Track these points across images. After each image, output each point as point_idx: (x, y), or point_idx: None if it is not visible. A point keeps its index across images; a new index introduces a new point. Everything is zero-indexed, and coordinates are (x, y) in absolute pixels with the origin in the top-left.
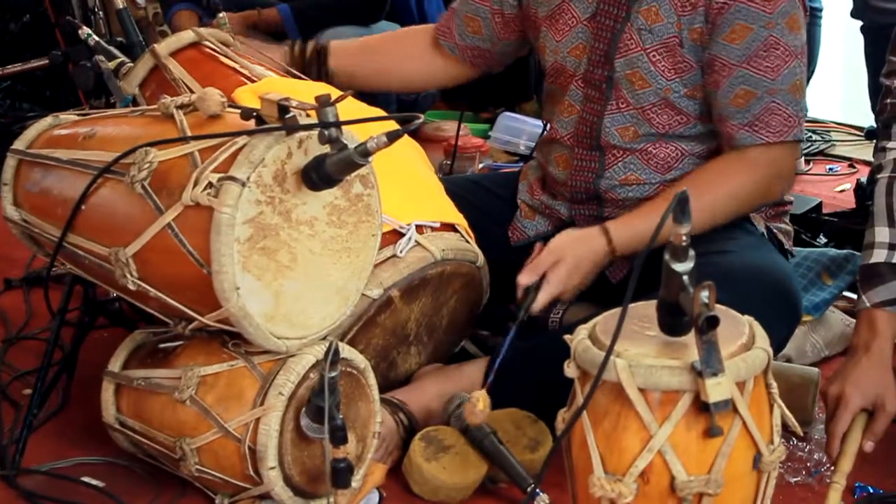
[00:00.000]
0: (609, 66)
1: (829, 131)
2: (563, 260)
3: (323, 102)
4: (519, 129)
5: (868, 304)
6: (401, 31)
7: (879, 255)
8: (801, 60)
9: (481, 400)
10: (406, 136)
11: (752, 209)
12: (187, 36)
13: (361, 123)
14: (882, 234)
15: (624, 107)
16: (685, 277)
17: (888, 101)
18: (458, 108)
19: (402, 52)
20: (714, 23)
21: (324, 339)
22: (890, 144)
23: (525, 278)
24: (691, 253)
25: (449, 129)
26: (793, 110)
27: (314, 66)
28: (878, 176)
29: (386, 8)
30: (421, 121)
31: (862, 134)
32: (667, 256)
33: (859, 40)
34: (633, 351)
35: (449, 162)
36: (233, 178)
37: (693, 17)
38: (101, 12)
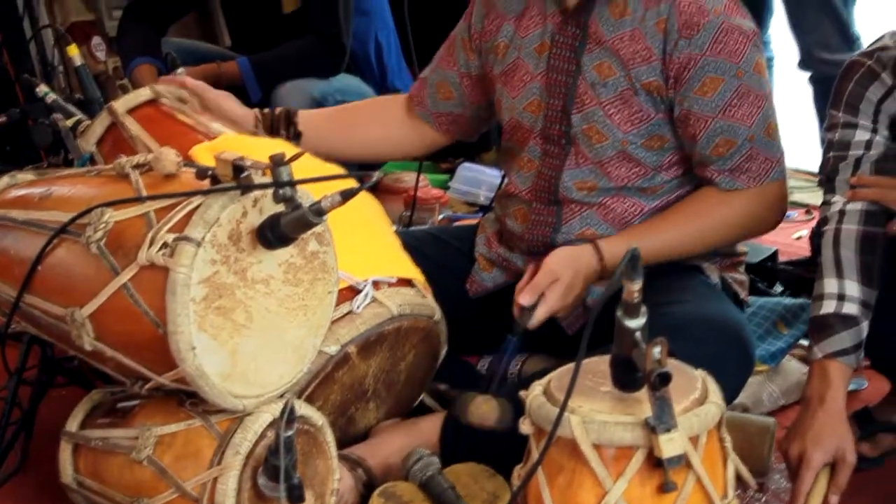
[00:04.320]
0: (567, 122)
1: None
2: (560, 279)
3: (277, 161)
4: (478, 179)
5: (820, 355)
6: (372, 101)
7: (829, 307)
8: (770, 102)
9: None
10: (363, 191)
11: (741, 240)
12: (144, 93)
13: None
14: (831, 285)
15: (583, 161)
16: (637, 334)
17: (831, 154)
18: (417, 159)
19: (375, 122)
20: (679, 78)
21: (281, 396)
22: (834, 198)
23: (525, 299)
24: (643, 309)
25: (409, 180)
26: (770, 153)
27: (282, 133)
28: (825, 228)
29: (346, 60)
30: (375, 179)
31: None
32: (619, 313)
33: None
34: (586, 407)
35: (409, 213)
36: (188, 239)
37: (644, 69)
38: (60, 67)
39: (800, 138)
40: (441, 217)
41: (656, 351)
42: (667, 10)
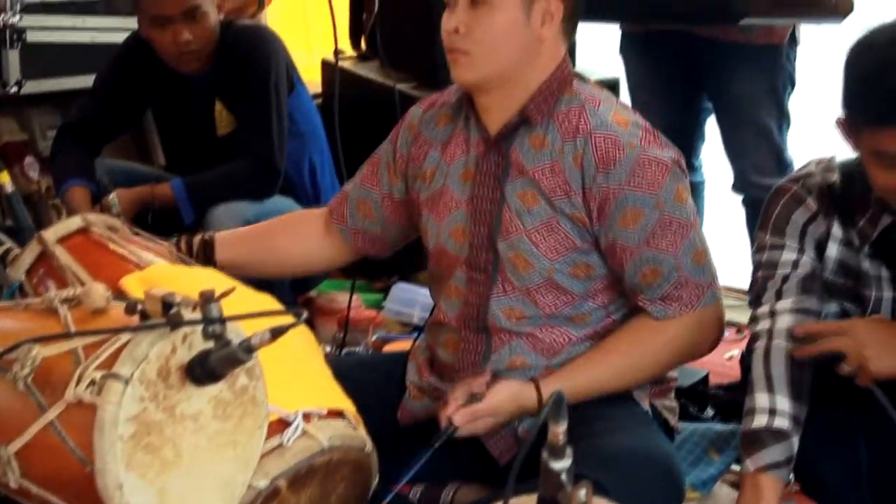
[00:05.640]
0: (492, 250)
1: None
2: (497, 415)
3: (207, 298)
4: (413, 299)
5: (752, 469)
6: (290, 216)
7: (760, 421)
8: (696, 228)
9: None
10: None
11: (678, 366)
12: (75, 222)
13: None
14: (762, 400)
15: (510, 289)
16: (563, 476)
17: (759, 273)
18: (352, 277)
19: (294, 237)
20: (601, 211)
21: None
22: (762, 316)
23: (459, 419)
24: (569, 450)
25: (342, 300)
26: (700, 279)
27: (201, 261)
28: (756, 345)
29: (279, 182)
30: (303, 318)
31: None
32: (544, 455)
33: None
34: None
35: (342, 334)
36: (116, 376)
37: (566, 201)
38: None
39: (731, 258)
40: (374, 338)
41: (581, 494)
42: (583, 144)
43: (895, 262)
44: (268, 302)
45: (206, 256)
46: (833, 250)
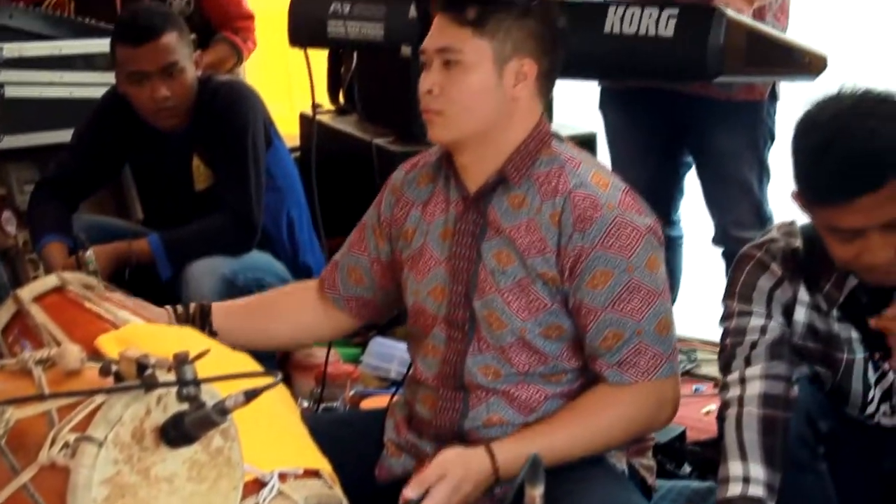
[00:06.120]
0: (469, 307)
1: (694, 350)
2: (448, 476)
3: (181, 360)
4: (390, 354)
5: None
6: (284, 291)
7: (735, 489)
8: (664, 298)
9: None
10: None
11: (633, 439)
12: (51, 280)
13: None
14: (735, 468)
15: (485, 347)
16: None
17: (728, 340)
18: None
19: (289, 312)
20: (573, 270)
21: None
22: (733, 383)
23: (410, 492)
24: None
25: (319, 355)
26: (660, 349)
27: (197, 328)
28: (727, 413)
29: (257, 237)
30: (277, 381)
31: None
32: None
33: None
34: None
35: (319, 390)
36: (89, 439)
37: (540, 260)
38: None
39: (710, 311)
40: (352, 393)
41: None
42: (562, 203)
43: (864, 323)
44: (244, 361)
45: (202, 328)
46: (801, 315)
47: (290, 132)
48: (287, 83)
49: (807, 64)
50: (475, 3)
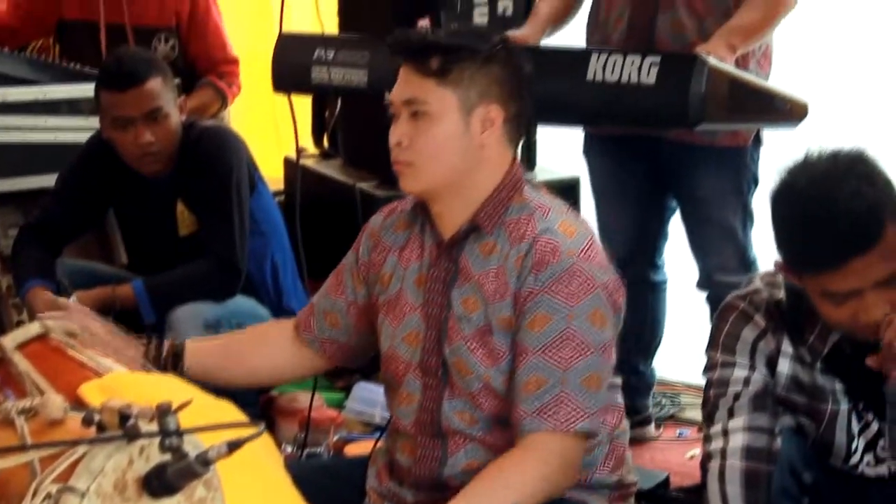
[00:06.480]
0: (441, 354)
1: (678, 394)
2: None
3: (164, 410)
4: (374, 399)
5: None
6: (259, 328)
7: None
8: (602, 357)
9: None
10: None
11: (544, 499)
12: (34, 328)
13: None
14: None
15: (458, 393)
16: None
17: (711, 391)
18: (313, 376)
19: (263, 351)
20: (520, 311)
21: None
22: (716, 435)
23: None
24: None
25: (304, 400)
26: (584, 402)
27: (169, 368)
28: (710, 465)
29: (241, 282)
30: (260, 432)
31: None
32: None
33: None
34: None
35: (303, 435)
36: (72, 489)
37: (501, 304)
38: None
39: (694, 355)
40: (336, 438)
41: None
42: (527, 247)
43: (848, 375)
44: (228, 410)
45: (174, 364)
46: (785, 366)
47: (276, 175)
48: (273, 126)
49: (788, 111)
50: (437, 53)
